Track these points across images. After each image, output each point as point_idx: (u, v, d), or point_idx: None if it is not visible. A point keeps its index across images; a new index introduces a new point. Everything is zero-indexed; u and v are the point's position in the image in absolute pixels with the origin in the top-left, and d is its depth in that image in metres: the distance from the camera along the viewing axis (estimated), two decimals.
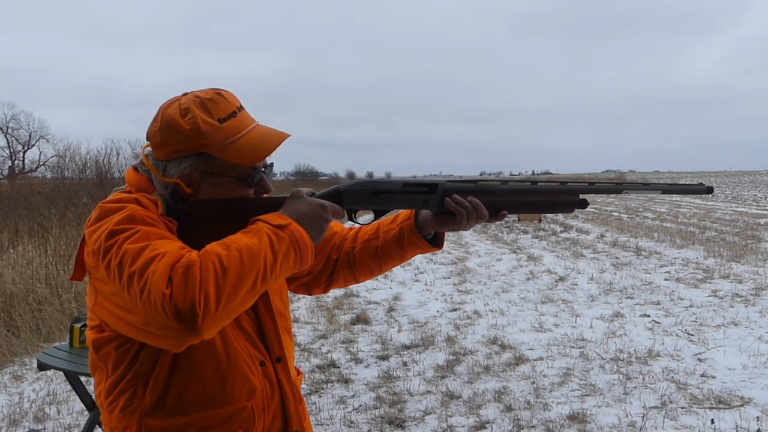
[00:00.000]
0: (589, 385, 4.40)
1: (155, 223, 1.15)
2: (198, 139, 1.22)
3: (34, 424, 3.98)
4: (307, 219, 1.21)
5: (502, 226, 16.53)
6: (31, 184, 17.36)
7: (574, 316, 6.38)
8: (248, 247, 1.09)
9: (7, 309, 5.85)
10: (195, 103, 1.24)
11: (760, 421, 3.70)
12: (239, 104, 1.30)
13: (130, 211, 1.14)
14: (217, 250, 1.08)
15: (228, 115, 1.25)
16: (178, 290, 1.01)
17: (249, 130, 1.27)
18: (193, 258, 1.06)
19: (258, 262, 1.09)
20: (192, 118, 1.22)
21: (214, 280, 1.04)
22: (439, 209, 1.35)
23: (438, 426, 3.80)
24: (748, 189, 39.87)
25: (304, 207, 1.22)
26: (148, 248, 1.07)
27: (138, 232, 1.10)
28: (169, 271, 1.03)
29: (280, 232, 1.14)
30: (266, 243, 1.11)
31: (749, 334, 5.54)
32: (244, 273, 1.07)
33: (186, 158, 1.24)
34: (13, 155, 46.30)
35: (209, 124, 1.23)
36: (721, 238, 12.19)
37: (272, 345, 1.35)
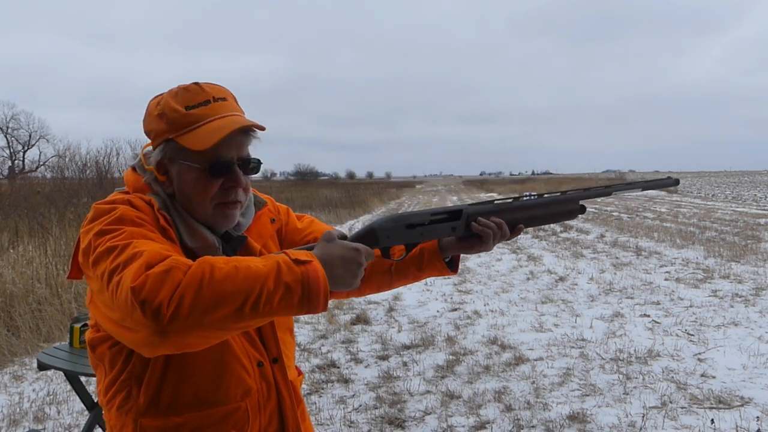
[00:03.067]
0: (589, 385, 4.40)
1: (144, 223, 1.16)
2: (164, 125, 1.24)
3: (34, 424, 3.98)
4: (339, 262, 1.14)
5: None
6: (31, 184, 17.34)
7: (574, 316, 6.38)
8: (249, 268, 1.03)
9: (7, 309, 5.85)
10: (171, 92, 1.27)
11: (760, 421, 3.70)
12: (220, 96, 1.27)
13: (120, 212, 1.15)
14: (215, 261, 1.04)
15: (198, 103, 1.24)
16: (152, 286, 0.98)
17: (215, 118, 1.23)
18: (180, 262, 1.03)
19: (254, 285, 1.01)
20: (161, 105, 1.26)
21: (197, 287, 0.99)
22: (465, 233, 1.41)
23: (438, 426, 3.80)
24: (748, 189, 39.85)
25: (337, 250, 1.15)
26: (129, 246, 1.07)
27: (123, 233, 1.11)
28: (144, 268, 1.01)
29: (295, 266, 1.05)
30: (273, 271, 1.04)
31: (749, 334, 5.54)
32: (232, 291, 1.00)
33: (160, 145, 1.26)
34: (13, 155, 46.33)
35: (174, 110, 1.24)
36: (721, 238, 12.19)
37: (269, 345, 1.34)
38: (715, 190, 39.29)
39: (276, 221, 1.45)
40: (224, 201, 1.26)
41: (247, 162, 1.29)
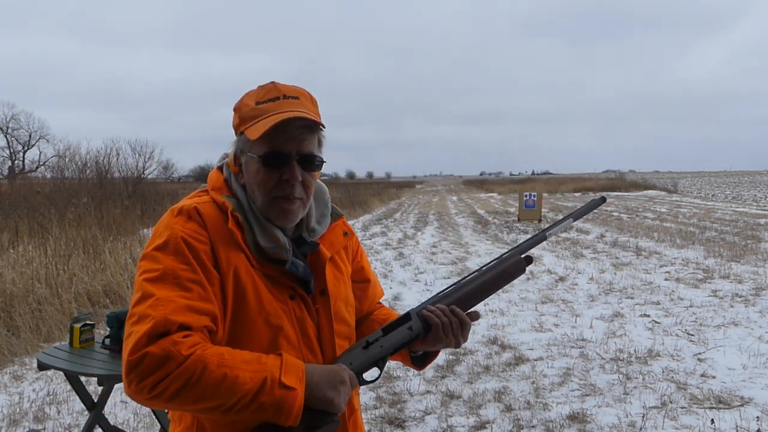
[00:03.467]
0: (589, 385, 4.40)
1: (185, 254, 1.18)
2: (237, 119, 1.31)
3: (34, 424, 3.98)
4: (326, 387, 1.18)
5: (502, 226, 16.53)
6: (31, 184, 17.35)
7: (574, 316, 6.38)
8: (236, 379, 1.09)
9: (7, 309, 5.85)
10: (250, 91, 1.33)
11: (760, 421, 3.70)
12: (292, 94, 1.29)
13: (167, 237, 1.20)
14: (210, 360, 1.09)
15: (268, 99, 1.28)
16: (145, 368, 1.06)
17: (278, 113, 1.24)
18: (176, 350, 1.07)
19: (232, 397, 1.08)
20: (239, 102, 1.33)
21: (182, 384, 1.07)
22: (425, 330, 1.37)
23: (438, 426, 3.80)
24: (748, 189, 39.86)
25: (325, 376, 1.19)
26: (148, 300, 1.13)
27: (158, 270, 1.16)
28: (146, 339, 1.08)
29: (277, 389, 1.11)
30: (255, 387, 1.09)
31: (749, 334, 5.54)
32: (212, 396, 1.08)
33: (235, 139, 1.33)
34: (13, 155, 46.32)
35: (246, 104, 1.30)
36: (721, 238, 12.19)
37: (326, 351, 1.33)
38: (715, 190, 39.30)
39: (349, 234, 1.46)
40: (280, 195, 1.27)
41: (306, 157, 1.27)
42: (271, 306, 1.25)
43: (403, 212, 24.70)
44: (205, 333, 1.16)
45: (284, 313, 1.26)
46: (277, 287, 1.27)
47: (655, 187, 41.45)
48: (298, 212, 1.30)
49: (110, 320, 3.12)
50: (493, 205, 27.61)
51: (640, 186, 42.86)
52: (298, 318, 1.28)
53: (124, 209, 11.40)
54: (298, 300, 1.29)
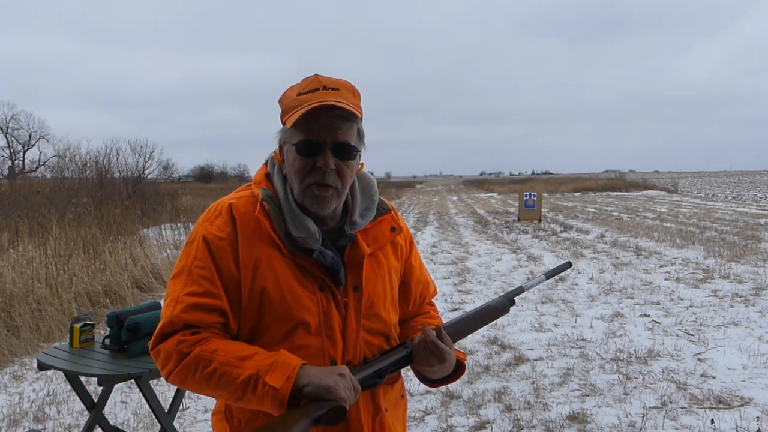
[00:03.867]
0: (589, 385, 4.39)
1: (203, 254, 1.29)
2: (281, 111, 1.35)
3: (34, 424, 3.98)
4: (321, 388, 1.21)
5: (502, 226, 16.53)
6: (31, 184, 17.33)
7: (574, 316, 6.38)
8: (225, 375, 1.21)
9: (7, 309, 5.85)
10: (296, 83, 1.35)
11: (760, 421, 3.70)
12: (333, 86, 1.30)
13: (195, 234, 1.33)
14: (207, 357, 1.23)
15: (309, 90, 1.30)
16: (159, 361, 1.28)
17: (318, 102, 1.26)
18: (178, 349, 1.24)
19: (224, 391, 1.23)
20: (283, 93, 1.36)
21: (182, 379, 1.26)
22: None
23: (438, 426, 3.80)
24: (748, 189, 39.86)
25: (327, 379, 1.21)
26: (167, 300, 1.31)
27: (180, 267, 1.32)
28: (159, 338, 1.28)
29: (260, 388, 1.19)
30: (242, 384, 1.20)
31: (749, 334, 5.54)
32: (206, 390, 1.26)
33: (279, 129, 1.37)
34: (13, 155, 46.31)
35: (288, 96, 1.34)
36: (721, 238, 12.19)
37: (349, 344, 1.33)
38: (715, 190, 39.30)
39: (397, 230, 1.47)
40: (312, 182, 1.29)
41: (339, 146, 1.29)
42: (292, 296, 1.28)
43: (403, 212, 24.71)
44: (215, 328, 1.28)
45: (311, 303, 1.29)
46: (308, 277, 1.31)
47: (655, 187, 41.45)
48: (331, 200, 1.32)
49: (110, 320, 3.12)
50: (493, 205, 27.61)
51: (640, 186, 42.85)
52: (324, 309, 1.30)
53: (124, 209, 11.39)
54: (327, 291, 1.32)
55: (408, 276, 1.51)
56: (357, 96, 1.35)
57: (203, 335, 1.25)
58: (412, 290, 1.53)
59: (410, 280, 1.52)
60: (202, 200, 19.11)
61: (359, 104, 1.35)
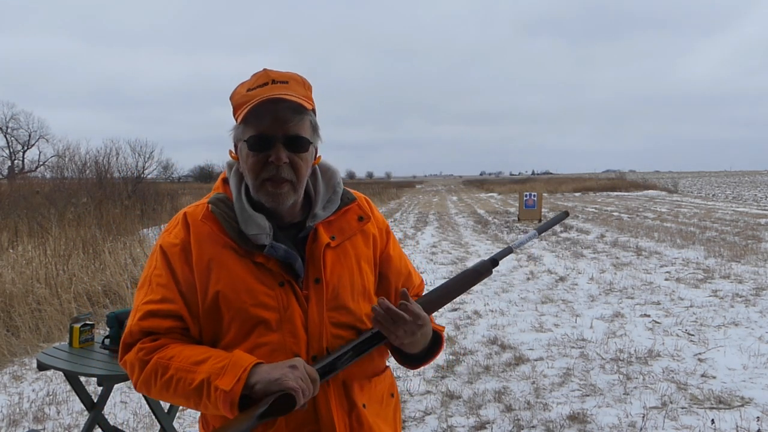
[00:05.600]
0: (589, 385, 4.39)
1: (159, 263, 1.34)
2: (232, 108, 1.34)
3: (33, 424, 3.98)
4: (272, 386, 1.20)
5: (502, 226, 16.53)
6: (31, 184, 17.33)
7: (574, 316, 6.38)
8: (180, 382, 1.23)
9: (6, 309, 5.85)
10: (246, 79, 1.35)
11: (760, 421, 3.70)
12: (282, 79, 1.30)
13: (156, 245, 1.37)
14: (163, 365, 1.25)
15: (258, 85, 1.30)
16: (126, 369, 1.33)
17: (267, 96, 1.26)
18: (139, 357, 1.28)
19: (181, 397, 1.26)
20: (234, 89, 1.35)
21: (146, 388, 1.30)
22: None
23: (438, 426, 3.79)
24: (748, 189, 39.86)
25: (275, 374, 1.20)
26: (135, 303, 1.36)
27: (145, 278, 1.36)
28: (123, 349, 1.33)
29: (213, 392, 1.20)
30: (195, 389, 1.22)
31: (749, 334, 5.54)
32: (168, 395, 1.28)
33: (232, 127, 1.36)
34: (12, 155, 46.31)
35: (238, 92, 1.33)
36: (722, 238, 12.19)
37: (313, 337, 1.31)
38: (716, 190, 39.29)
39: (365, 219, 1.43)
40: (267, 177, 1.29)
41: (291, 139, 1.28)
42: (248, 295, 1.28)
43: (403, 212, 24.70)
44: (175, 333, 1.31)
45: (268, 299, 1.28)
46: (267, 274, 1.30)
47: (656, 187, 41.44)
48: (288, 195, 1.31)
49: (110, 320, 3.11)
50: (493, 205, 27.61)
51: (640, 186, 42.84)
52: (284, 305, 1.29)
53: (124, 209, 11.39)
54: (287, 286, 1.30)
55: (386, 267, 1.48)
56: (308, 88, 1.35)
57: (162, 341, 1.29)
58: (392, 281, 1.48)
59: (388, 271, 1.48)
60: None
61: (311, 96, 1.34)
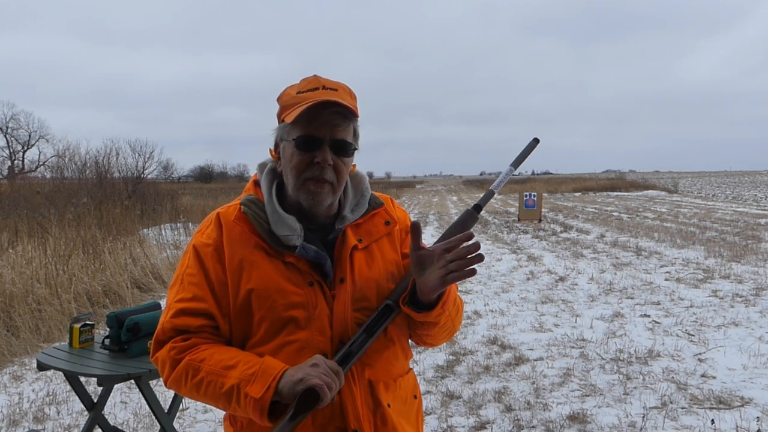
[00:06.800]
0: (589, 385, 4.39)
1: (193, 262, 1.37)
2: (279, 108, 1.38)
3: (33, 424, 3.98)
4: (296, 389, 1.22)
5: (502, 226, 16.53)
6: (31, 184, 17.32)
7: (574, 316, 6.38)
8: (211, 385, 1.27)
9: (6, 309, 5.85)
10: (295, 83, 1.39)
11: (760, 421, 3.70)
12: (331, 86, 1.34)
13: (189, 246, 1.40)
14: (195, 366, 1.28)
15: (308, 89, 1.34)
16: (158, 367, 1.35)
17: (320, 98, 1.29)
18: (171, 355, 1.31)
19: (211, 399, 1.29)
20: (282, 93, 1.39)
21: (177, 386, 1.33)
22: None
23: (438, 426, 3.79)
24: (748, 189, 39.86)
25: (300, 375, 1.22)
26: (168, 300, 1.40)
27: (178, 277, 1.39)
28: (156, 345, 1.35)
29: (243, 399, 1.24)
30: (226, 394, 1.26)
31: (749, 334, 5.54)
32: (198, 396, 1.31)
33: (276, 127, 1.40)
34: (12, 155, 46.30)
35: (287, 94, 1.37)
36: (722, 238, 12.19)
37: (336, 335, 1.33)
38: (716, 190, 39.29)
39: (391, 223, 1.47)
40: (310, 176, 1.32)
41: (338, 143, 1.33)
42: (279, 294, 1.32)
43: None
44: (205, 332, 1.34)
45: (298, 298, 1.32)
46: (297, 274, 1.34)
47: (656, 187, 41.44)
48: (327, 196, 1.34)
49: (110, 320, 3.11)
50: (493, 205, 27.61)
51: (640, 186, 42.84)
52: (313, 303, 1.33)
53: (124, 209, 11.39)
54: (316, 286, 1.34)
55: (408, 268, 1.45)
56: (354, 98, 1.39)
57: (193, 341, 1.32)
58: None
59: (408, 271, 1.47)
60: (201, 200, 19.11)
61: (356, 105, 1.38)
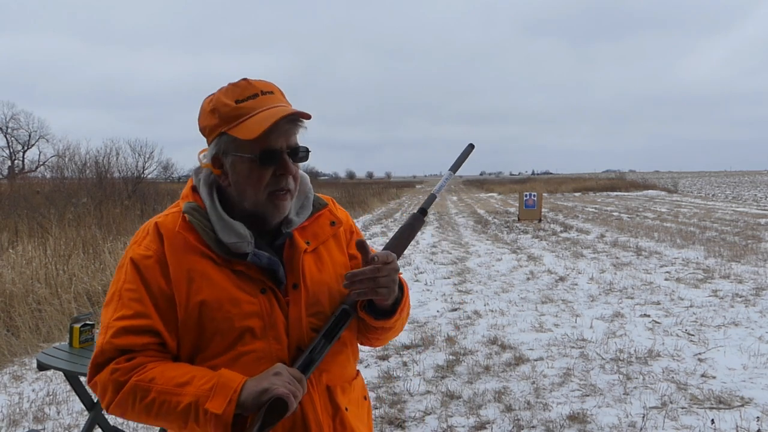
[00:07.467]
0: (589, 385, 4.39)
1: (132, 276, 1.28)
2: (216, 119, 1.30)
3: (33, 424, 3.98)
4: (260, 399, 1.19)
5: (502, 226, 16.53)
6: (31, 184, 17.34)
7: (574, 316, 6.38)
8: (165, 405, 1.19)
9: (6, 309, 5.85)
10: (222, 90, 1.32)
11: (760, 421, 3.70)
12: (267, 90, 1.31)
13: (125, 259, 1.32)
14: (144, 387, 1.20)
15: (247, 97, 1.29)
16: (97, 391, 1.26)
17: (263, 110, 1.27)
18: (113, 378, 1.22)
19: (165, 420, 1.21)
20: (213, 102, 1.31)
21: (122, 410, 1.24)
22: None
23: (438, 426, 3.79)
24: (748, 189, 39.86)
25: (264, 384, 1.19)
26: (101, 328, 1.29)
27: (111, 293, 1.30)
28: (93, 370, 1.26)
29: (201, 416, 1.17)
30: (182, 412, 1.18)
31: (749, 334, 5.54)
32: (150, 419, 1.23)
33: (214, 140, 1.32)
34: (12, 155, 46.30)
35: (225, 104, 1.29)
36: (722, 238, 12.19)
37: (293, 342, 1.31)
38: (716, 190, 39.29)
39: (337, 224, 1.45)
40: (276, 189, 1.29)
41: (295, 150, 1.32)
42: (232, 304, 1.27)
43: (403, 212, 24.70)
44: (151, 350, 1.26)
45: (252, 307, 1.28)
46: (248, 282, 1.29)
47: (655, 187, 41.44)
48: (288, 204, 1.33)
49: None
50: (493, 205, 27.61)
51: (640, 186, 42.84)
52: (267, 312, 1.29)
53: (124, 209, 11.41)
54: (269, 293, 1.30)
55: (354, 265, 1.46)
56: (283, 94, 1.37)
57: (139, 361, 1.24)
58: None
59: None
60: None
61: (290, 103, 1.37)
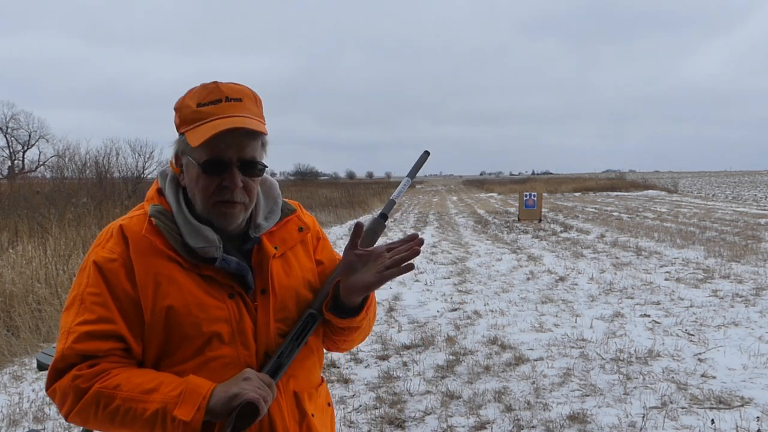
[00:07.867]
0: (590, 385, 4.39)
1: (95, 280, 1.23)
2: (178, 119, 1.29)
3: (33, 424, 3.98)
4: (230, 404, 1.17)
5: (502, 226, 16.53)
6: (31, 184, 17.33)
7: (574, 316, 6.38)
8: (130, 412, 1.15)
9: (6, 309, 5.85)
10: (193, 89, 1.30)
11: (760, 421, 3.70)
12: (235, 96, 1.26)
13: (86, 260, 1.27)
14: (108, 393, 1.16)
15: (209, 101, 1.25)
16: (56, 400, 1.20)
17: (219, 117, 1.22)
18: (75, 384, 1.17)
19: (131, 428, 1.17)
20: (180, 100, 1.30)
21: (83, 418, 1.18)
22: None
23: (438, 426, 3.79)
24: (748, 189, 39.87)
25: (233, 390, 1.17)
26: (60, 333, 1.23)
27: (72, 296, 1.25)
28: (54, 374, 1.20)
29: (170, 424, 1.14)
30: (149, 420, 1.15)
31: (749, 334, 5.54)
32: (114, 427, 1.18)
33: (176, 139, 1.31)
34: (12, 155, 46.30)
35: (187, 105, 1.27)
36: (722, 238, 12.19)
37: (261, 347, 1.30)
38: (716, 190, 39.30)
39: (305, 229, 1.43)
40: (220, 200, 1.26)
41: (247, 163, 1.26)
42: (200, 309, 1.24)
43: (403, 212, 24.70)
44: (115, 355, 1.22)
45: (220, 312, 1.26)
46: (215, 287, 1.27)
47: (655, 187, 41.44)
48: (239, 215, 1.29)
49: None
50: (493, 205, 27.61)
51: (640, 186, 42.84)
52: (236, 317, 1.27)
53: (124, 209, 11.39)
54: (237, 298, 1.28)
55: (321, 271, 1.45)
56: (259, 104, 1.31)
57: (102, 367, 1.19)
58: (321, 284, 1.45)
59: (323, 278, 1.45)
60: None
61: (262, 113, 1.31)
